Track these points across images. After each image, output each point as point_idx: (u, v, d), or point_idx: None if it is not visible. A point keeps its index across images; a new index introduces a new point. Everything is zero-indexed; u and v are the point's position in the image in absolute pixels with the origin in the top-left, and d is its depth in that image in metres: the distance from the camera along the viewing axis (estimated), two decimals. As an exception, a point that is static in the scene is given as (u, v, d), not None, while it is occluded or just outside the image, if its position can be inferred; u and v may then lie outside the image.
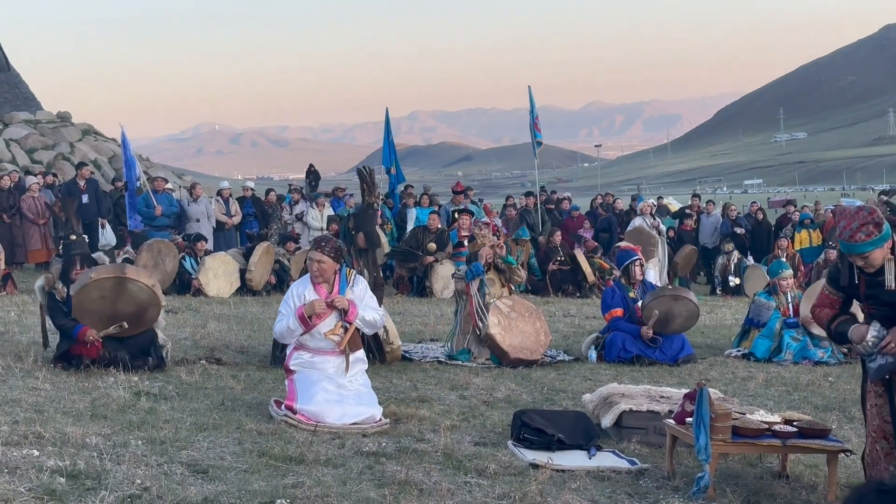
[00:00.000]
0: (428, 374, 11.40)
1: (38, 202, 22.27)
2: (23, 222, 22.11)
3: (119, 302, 10.62)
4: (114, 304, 10.60)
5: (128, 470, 6.88)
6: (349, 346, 9.14)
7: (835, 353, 13.30)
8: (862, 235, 6.21)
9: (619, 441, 8.50)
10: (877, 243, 6.21)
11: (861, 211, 6.44)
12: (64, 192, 22.68)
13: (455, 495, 6.73)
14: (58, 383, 9.86)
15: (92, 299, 10.49)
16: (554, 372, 11.92)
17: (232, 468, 7.18)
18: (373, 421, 8.71)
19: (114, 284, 10.58)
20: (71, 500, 6.24)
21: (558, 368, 12.18)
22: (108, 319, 10.55)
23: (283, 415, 8.74)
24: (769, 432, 7.34)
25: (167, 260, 18.76)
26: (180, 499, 6.34)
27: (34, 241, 22.06)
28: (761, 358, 13.26)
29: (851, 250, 6.34)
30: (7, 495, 6.20)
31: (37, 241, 22.10)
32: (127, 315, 10.65)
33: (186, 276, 18.77)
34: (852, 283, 6.52)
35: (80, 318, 10.50)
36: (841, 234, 6.37)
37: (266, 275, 19.27)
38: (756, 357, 13.32)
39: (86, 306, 10.48)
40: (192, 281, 18.67)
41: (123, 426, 8.21)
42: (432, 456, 7.75)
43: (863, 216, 6.30)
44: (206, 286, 18.63)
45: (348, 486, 6.81)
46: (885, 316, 6.40)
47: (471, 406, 9.74)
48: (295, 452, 7.67)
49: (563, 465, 7.62)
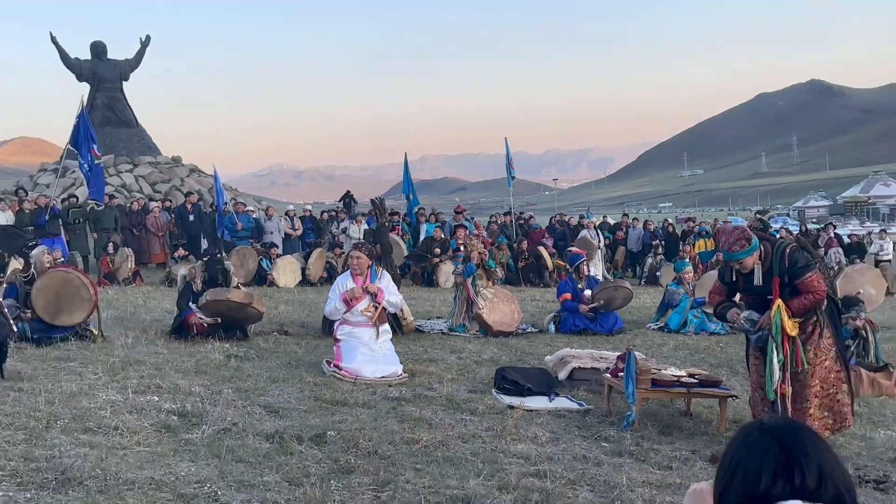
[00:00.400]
0: (434, 342, 11.40)
1: (158, 220, 22.43)
2: (147, 234, 22.30)
3: (238, 313, 10.73)
4: (233, 313, 10.71)
5: (221, 410, 6.89)
6: (378, 320, 9.28)
7: (724, 327, 13.30)
8: (737, 247, 6.38)
9: (571, 389, 8.50)
10: (747, 253, 6.36)
11: (736, 230, 6.70)
12: (176, 214, 22.81)
13: (454, 428, 6.74)
14: (172, 349, 9.87)
15: (221, 305, 10.57)
16: (524, 340, 11.93)
17: (295, 409, 7.20)
18: (396, 375, 8.73)
19: (241, 306, 10.66)
20: (181, 432, 6.25)
21: (527, 337, 12.18)
22: (222, 315, 10.63)
23: (332, 371, 8.77)
24: (678, 383, 7.39)
25: (249, 261, 18.77)
26: (258, 431, 6.36)
27: (155, 248, 22.26)
28: (673, 330, 13.25)
29: (730, 258, 6.54)
30: (135, 428, 6.21)
31: (157, 248, 22.29)
32: (235, 319, 10.80)
33: (263, 272, 18.78)
34: (733, 280, 6.70)
35: (203, 308, 10.54)
36: (722, 246, 6.61)
37: (320, 271, 19.28)
38: (669, 329, 13.30)
39: (212, 307, 10.52)
40: (267, 276, 18.68)
41: (218, 379, 8.23)
42: (438, 400, 7.75)
43: (737, 234, 6.51)
44: (278, 279, 18.64)
45: (378, 422, 6.84)
46: (756, 303, 6.60)
47: (465, 365, 9.74)
48: (340, 398, 7.68)
49: (531, 406, 7.63)
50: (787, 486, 1.90)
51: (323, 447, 6.04)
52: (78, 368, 8.41)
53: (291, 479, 5.28)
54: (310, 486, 5.08)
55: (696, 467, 6.02)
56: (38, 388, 7.39)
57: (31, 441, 5.79)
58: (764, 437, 1.99)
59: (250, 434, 6.25)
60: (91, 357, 9.07)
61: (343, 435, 6.33)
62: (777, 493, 1.90)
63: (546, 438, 6.56)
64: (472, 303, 12.29)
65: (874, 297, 14.19)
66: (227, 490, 4.99)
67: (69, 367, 8.50)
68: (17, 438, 5.83)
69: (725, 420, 7.15)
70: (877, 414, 7.89)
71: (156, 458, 5.54)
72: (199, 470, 5.35)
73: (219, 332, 10.57)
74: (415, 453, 5.98)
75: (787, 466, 1.91)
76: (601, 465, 5.93)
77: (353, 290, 9.24)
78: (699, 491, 2.25)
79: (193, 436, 6.14)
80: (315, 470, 5.49)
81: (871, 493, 5.62)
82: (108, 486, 4.95)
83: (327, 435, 6.31)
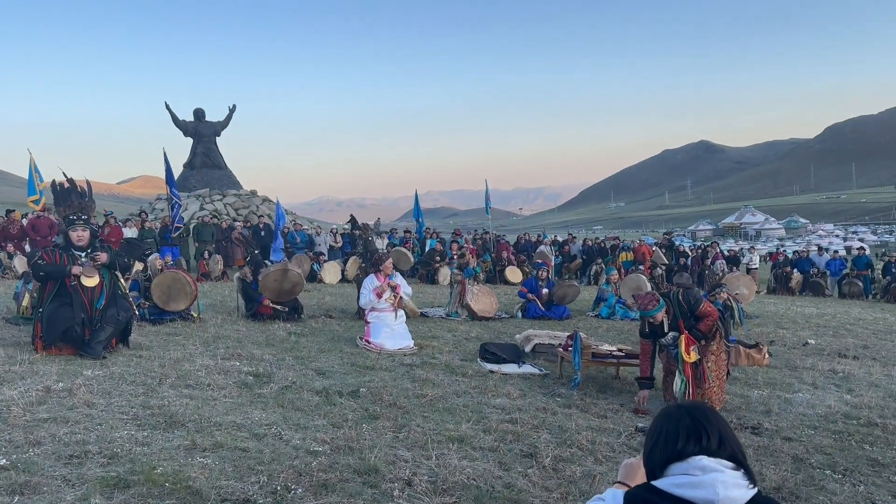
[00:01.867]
0: (436, 324, 11.30)
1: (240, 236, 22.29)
2: (232, 245, 22.13)
3: (284, 282, 10.53)
4: (281, 283, 10.50)
5: (284, 373, 6.80)
6: (397, 305, 9.15)
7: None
8: (651, 306, 6.28)
9: (534, 359, 8.40)
10: (658, 310, 6.27)
11: (649, 294, 6.53)
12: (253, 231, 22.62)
13: (451, 386, 6.66)
14: (249, 327, 9.77)
15: (269, 281, 10.42)
16: (500, 323, 11.82)
17: (337, 372, 7.10)
18: (409, 348, 8.62)
19: (283, 272, 10.53)
20: (254, 388, 6.16)
21: (502, 321, 12.08)
22: (278, 292, 10.49)
23: (363, 344, 8.66)
24: (611, 355, 7.29)
25: (304, 265, 18.68)
26: (311, 387, 6.27)
27: (237, 254, 22.04)
28: (604, 317, 13.16)
29: (646, 315, 6.37)
30: (222, 385, 6.12)
31: (238, 254, 22.06)
32: (286, 290, 10.60)
33: (315, 273, 18.68)
34: (648, 331, 6.44)
35: (263, 290, 10.42)
36: (640, 307, 6.44)
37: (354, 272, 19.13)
38: (601, 317, 13.22)
39: (267, 285, 10.40)
40: (317, 275, 18.58)
41: (282, 350, 8.13)
42: (439, 366, 7.66)
43: (650, 297, 6.43)
44: (325, 278, 18.55)
45: (396, 382, 6.74)
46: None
47: (458, 341, 9.64)
48: (369, 364, 7.58)
49: (506, 371, 7.54)
50: (696, 446, 1.96)
51: (357, 400, 5.95)
52: (182, 341, 8.31)
53: (334, 422, 5.20)
54: (347, 428, 5.01)
55: (625, 416, 5.95)
56: (153, 355, 7.31)
57: (147, 394, 5.70)
58: (679, 411, 2.05)
59: (305, 390, 6.16)
60: (191, 333, 8.97)
61: (371, 391, 6.25)
62: (689, 451, 1.96)
63: (517, 394, 6.49)
64: (464, 296, 12.22)
65: (747, 295, 14.12)
66: (288, 430, 4.91)
67: (175, 339, 8.40)
68: (138, 392, 5.74)
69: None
70: (751, 379, 7.82)
71: (237, 407, 5.46)
72: (268, 416, 5.27)
73: (282, 316, 10.47)
74: (423, 405, 5.90)
75: (696, 432, 1.97)
76: (556, 415, 5.86)
77: (381, 287, 9.18)
78: (630, 464, 2.30)
79: (264, 391, 6.05)
80: (351, 416, 5.41)
81: (749, 436, 5.55)
82: (203, 427, 4.87)
83: (360, 391, 6.23)
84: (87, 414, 4.98)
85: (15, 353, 6.87)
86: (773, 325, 12.86)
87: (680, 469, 1.94)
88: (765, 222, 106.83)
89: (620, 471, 2.30)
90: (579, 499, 4.00)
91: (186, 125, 31.61)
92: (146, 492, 3.65)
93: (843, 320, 14.14)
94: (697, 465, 1.92)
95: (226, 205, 29.58)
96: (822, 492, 4.40)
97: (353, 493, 3.84)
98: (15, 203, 44.17)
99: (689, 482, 1.90)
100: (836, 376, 8.14)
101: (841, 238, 74.34)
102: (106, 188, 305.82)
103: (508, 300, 14.89)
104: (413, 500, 3.82)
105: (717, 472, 1.91)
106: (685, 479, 1.92)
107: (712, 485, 1.88)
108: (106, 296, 7.23)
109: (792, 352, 9.87)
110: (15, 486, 3.60)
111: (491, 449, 4.80)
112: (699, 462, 1.93)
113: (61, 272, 7.02)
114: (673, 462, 1.97)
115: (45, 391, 5.49)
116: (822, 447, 5.31)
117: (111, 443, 4.38)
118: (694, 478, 1.91)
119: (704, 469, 1.91)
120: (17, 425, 4.60)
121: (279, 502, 3.68)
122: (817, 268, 23.47)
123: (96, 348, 6.95)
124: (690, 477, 1.91)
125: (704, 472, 1.91)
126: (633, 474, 2.24)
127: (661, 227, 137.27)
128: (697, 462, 1.93)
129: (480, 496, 3.93)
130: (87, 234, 7.32)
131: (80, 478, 3.80)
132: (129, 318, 7.47)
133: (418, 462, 4.42)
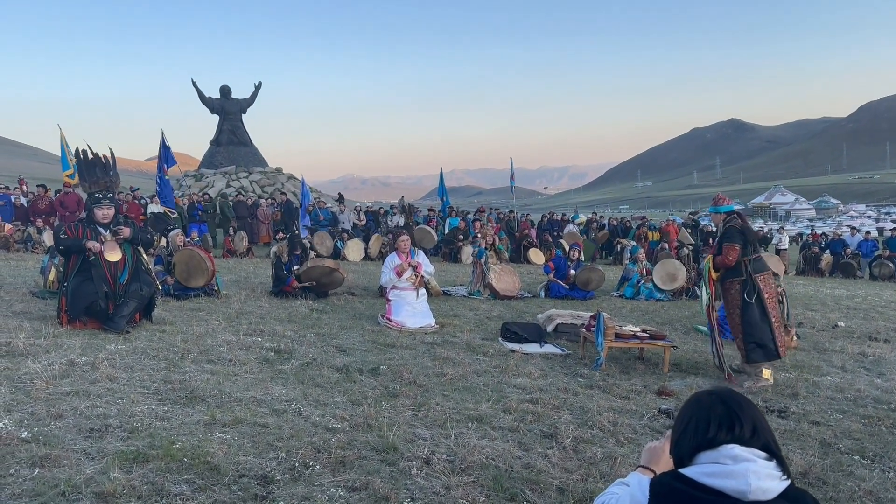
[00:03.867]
0: (458, 302, 11.26)
1: (265, 213, 22.36)
2: (257, 222, 22.25)
3: (328, 278, 10.62)
4: (325, 278, 10.60)
5: (305, 349, 6.80)
6: (418, 285, 9.09)
7: (666, 295, 13.06)
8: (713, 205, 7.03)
9: (557, 339, 8.33)
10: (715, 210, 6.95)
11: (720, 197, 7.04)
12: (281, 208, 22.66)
13: (471, 365, 6.60)
14: (272, 303, 9.80)
15: (314, 272, 10.52)
16: (522, 303, 11.73)
17: (358, 349, 7.09)
18: (430, 326, 8.59)
19: (331, 271, 10.60)
20: (276, 364, 6.16)
21: (525, 301, 11.99)
22: (317, 282, 10.58)
23: (385, 322, 8.64)
24: (634, 336, 7.18)
25: (326, 241, 18.72)
26: (331, 364, 6.26)
27: (262, 232, 22.15)
28: (629, 297, 13.02)
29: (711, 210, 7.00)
30: (244, 361, 6.13)
31: (263, 232, 22.17)
32: (324, 285, 10.70)
33: (338, 250, 18.71)
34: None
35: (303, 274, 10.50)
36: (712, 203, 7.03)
37: (378, 249, 19.17)
38: (626, 297, 13.08)
39: (310, 272, 10.49)
40: (341, 252, 18.62)
41: (304, 326, 8.14)
42: (460, 345, 7.61)
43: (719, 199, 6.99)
44: (348, 255, 18.54)
45: (416, 360, 6.71)
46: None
47: (480, 319, 9.59)
48: (390, 341, 7.56)
49: (527, 350, 7.47)
50: (728, 435, 1.88)
51: (377, 377, 5.93)
52: (205, 317, 8.35)
53: (354, 399, 5.18)
54: (367, 405, 4.99)
55: (648, 398, 5.85)
56: (175, 330, 7.35)
57: (169, 368, 5.72)
58: (711, 398, 1.97)
59: (325, 367, 6.15)
60: (214, 308, 9.02)
61: (391, 368, 6.22)
62: (721, 439, 1.88)
63: (538, 374, 6.42)
64: (484, 275, 12.14)
65: (776, 276, 13.86)
66: (308, 407, 4.90)
67: (199, 315, 8.45)
68: (160, 367, 5.77)
69: (668, 363, 6.96)
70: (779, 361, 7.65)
71: (258, 383, 5.46)
72: (288, 392, 5.26)
73: (304, 293, 10.49)
74: (443, 383, 5.86)
75: (729, 420, 1.90)
76: (578, 395, 5.78)
77: (401, 265, 9.13)
78: (654, 448, 2.23)
79: (285, 367, 6.05)
80: (371, 394, 5.39)
81: (775, 419, 5.43)
82: (223, 402, 4.87)
83: (380, 368, 6.20)
84: (108, 388, 5.01)
85: (40, 327, 6.94)
86: (802, 306, 12.63)
87: (710, 458, 1.88)
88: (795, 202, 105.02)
89: (644, 454, 2.23)
90: (600, 480, 3.94)
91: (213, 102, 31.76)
92: (164, 466, 3.65)
93: (874, 302, 13.84)
94: (729, 454, 1.86)
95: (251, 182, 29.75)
96: (851, 477, 4.28)
97: (371, 471, 3.81)
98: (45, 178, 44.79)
99: (719, 471, 1.84)
100: (865, 360, 7.95)
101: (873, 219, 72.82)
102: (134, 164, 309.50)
103: (531, 279, 14.79)
104: (431, 479, 3.78)
105: (749, 461, 1.84)
106: (716, 467, 1.85)
107: (744, 475, 1.81)
108: (129, 271, 7.27)
109: (821, 334, 9.67)
110: (35, 459, 3.62)
111: (511, 429, 4.74)
112: (731, 451, 1.86)
113: (79, 246, 7.07)
114: (703, 450, 1.90)
115: (68, 365, 5.54)
116: (851, 432, 5.18)
117: (131, 417, 4.40)
118: (725, 466, 1.84)
119: (736, 458, 1.84)
120: (40, 398, 4.64)
121: (297, 479, 3.66)
122: (849, 248, 23.00)
123: (120, 322, 7.00)
124: (721, 466, 1.84)
125: (736, 461, 1.84)
126: (657, 458, 2.17)
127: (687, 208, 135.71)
128: (729, 451, 1.86)
129: (499, 476, 3.88)
130: (112, 212, 7.36)
131: (99, 451, 3.82)
132: (152, 293, 7.51)
133: (437, 441, 4.38)
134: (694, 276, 13.37)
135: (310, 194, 22.51)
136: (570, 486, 3.85)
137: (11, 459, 3.62)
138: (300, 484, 3.59)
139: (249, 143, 32.22)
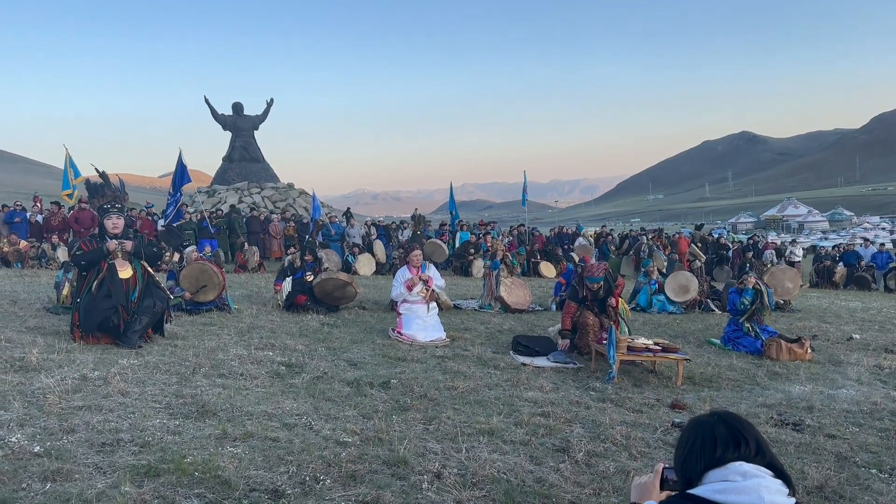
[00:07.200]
0: (469, 316, 11.23)
1: (276, 227, 22.43)
2: (268, 237, 22.33)
3: (340, 291, 10.66)
4: (338, 292, 10.65)
5: (317, 363, 6.80)
6: (429, 298, 9.09)
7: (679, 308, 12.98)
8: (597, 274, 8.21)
9: (568, 352, 8.29)
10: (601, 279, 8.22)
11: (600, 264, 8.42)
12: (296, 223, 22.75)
13: (482, 379, 6.58)
14: (283, 317, 9.82)
15: (328, 285, 10.56)
16: (534, 316, 11.70)
17: (369, 363, 7.08)
18: (441, 339, 8.57)
19: (345, 284, 10.63)
20: (287, 378, 6.17)
21: (536, 314, 11.96)
22: (330, 295, 10.62)
23: (395, 336, 8.63)
24: (647, 349, 7.13)
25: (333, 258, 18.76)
26: (342, 378, 6.26)
27: (273, 247, 22.21)
28: (640, 308, 12.95)
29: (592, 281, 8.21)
30: (255, 375, 6.14)
31: (275, 247, 22.23)
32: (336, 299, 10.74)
33: (349, 264, 18.75)
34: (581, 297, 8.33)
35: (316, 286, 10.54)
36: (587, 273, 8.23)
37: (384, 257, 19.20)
38: (638, 308, 13.01)
39: (323, 285, 10.52)
40: (352, 266, 18.65)
41: (315, 340, 8.14)
42: (471, 358, 7.60)
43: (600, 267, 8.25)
44: (359, 269, 18.58)
45: (427, 373, 6.69)
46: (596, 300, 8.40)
47: (491, 333, 9.56)
48: (401, 355, 7.55)
49: (538, 364, 7.45)
50: (735, 453, 1.90)
51: (388, 391, 5.92)
52: (217, 331, 8.38)
53: (365, 413, 5.17)
54: (378, 419, 4.98)
55: (661, 411, 5.80)
56: (187, 344, 7.38)
57: (181, 383, 5.73)
58: (712, 418, 2.00)
59: (336, 380, 6.15)
60: (226, 323, 9.05)
61: (402, 382, 6.21)
62: (729, 457, 1.90)
63: (549, 388, 6.39)
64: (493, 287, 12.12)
65: (791, 289, 13.75)
66: (318, 421, 4.89)
67: (210, 329, 8.48)
68: (171, 381, 5.78)
69: (682, 377, 6.91)
70: (793, 374, 7.60)
71: (269, 397, 5.46)
72: (299, 406, 5.26)
73: (315, 307, 10.50)
74: (454, 397, 5.84)
75: (734, 439, 1.92)
76: (590, 409, 5.74)
77: (411, 279, 9.13)
78: (643, 484, 2.18)
79: (296, 381, 6.05)
80: (382, 407, 5.38)
81: (789, 433, 5.37)
82: (235, 416, 4.87)
83: (391, 382, 6.19)
84: (120, 402, 5.03)
85: (54, 342, 6.99)
86: (816, 319, 12.52)
87: (719, 476, 1.89)
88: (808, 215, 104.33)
89: (633, 491, 2.19)
90: (612, 495, 3.90)
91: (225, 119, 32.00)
92: (176, 480, 3.65)
93: (889, 315, 13.71)
94: (738, 471, 1.87)
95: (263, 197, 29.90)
96: (868, 491, 4.22)
97: (382, 485, 3.79)
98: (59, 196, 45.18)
99: (731, 488, 1.84)
100: (882, 372, 7.86)
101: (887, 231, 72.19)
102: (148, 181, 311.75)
103: (542, 293, 14.75)
104: (442, 493, 3.76)
105: (758, 477, 1.85)
106: (726, 485, 1.85)
107: (756, 490, 1.82)
108: (139, 288, 7.31)
109: (835, 346, 9.58)
110: (48, 473, 3.63)
111: (522, 442, 4.71)
112: (739, 467, 1.87)
113: (100, 254, 7.14)
114: (711, 469, 1.91)
115: (80, 379, 5.56)
116: (868, 445, 5.11)
117: (143, 431, 4.41)
118: (735, 483, 1.85)
119: (745, 475, 1.86)
120: (53, 413, 4.66)
121: (307, 493, 3.65)
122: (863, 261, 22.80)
123: (132, 338, 7.03)
124: (731, 483, 1.85)
125: (745, 477, 1.85)
126: (647, 494, 2.14)
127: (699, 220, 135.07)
128: (738, 468, 1.87)
129: (511, 490, 3.86)
130: (122, 221, 7.42)
131: (111, 465, 3.82)
132: (164, 308, 7.54)
133: (448, 454, 4.36)
134: (706, 289, 13.28)
135: (321, 209, 22.60)
136: (583, 500, 3.82)
137: (24, 474, 3.63)
138: (311, 498, 3.58)
139: (261, 160, 32.41)
